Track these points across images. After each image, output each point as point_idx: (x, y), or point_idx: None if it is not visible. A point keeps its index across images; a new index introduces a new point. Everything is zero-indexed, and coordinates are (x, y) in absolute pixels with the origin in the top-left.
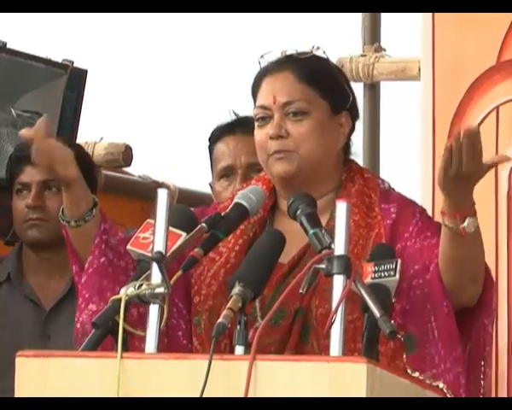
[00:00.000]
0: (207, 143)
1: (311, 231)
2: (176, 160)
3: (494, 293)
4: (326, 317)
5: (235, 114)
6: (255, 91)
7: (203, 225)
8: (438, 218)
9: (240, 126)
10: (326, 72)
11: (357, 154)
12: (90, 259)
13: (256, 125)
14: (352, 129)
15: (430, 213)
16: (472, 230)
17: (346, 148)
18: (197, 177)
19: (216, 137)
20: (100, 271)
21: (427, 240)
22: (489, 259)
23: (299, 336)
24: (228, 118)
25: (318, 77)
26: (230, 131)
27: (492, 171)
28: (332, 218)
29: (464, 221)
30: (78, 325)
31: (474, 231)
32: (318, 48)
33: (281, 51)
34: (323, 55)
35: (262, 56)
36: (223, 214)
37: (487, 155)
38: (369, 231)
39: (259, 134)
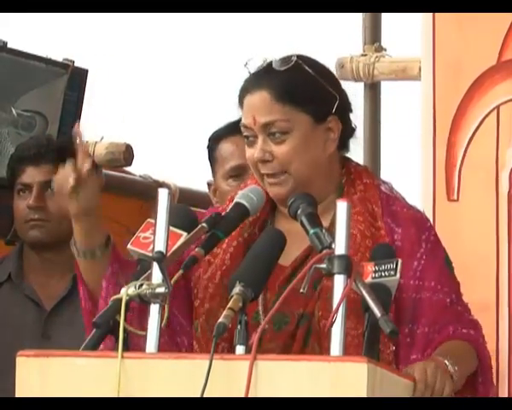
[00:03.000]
0: (208, 143)
1: (311, 231)
2: (176, 160)
3: (489, 373)
4: (327, 320)
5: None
6: (241, 107)
7: (203, 224)
8: (439, 222)
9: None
10: (303, 83)
11: (358, 151)
12: (100, 302)
13: (246, 143)
14: (347, 125)
15: (431, 213)
16: (456, 368)
17: (342, 146)
18: (197, 177)
19: (220, 136)
20: None
21: (424, 293)
22: (490, 259)
23: (303, 340)
24: (231, 118)
25: (295, 92)
26: (239, 131)
27: (493, 171)
28: (333, 223)
29: (453, 378)
30: None
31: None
32: (296, 56)
33: (263, 59)
34: (302, 62)
35: (246, 64)
36: (223, 214)
37: None
38: (374, 244)
39: (248, 153)
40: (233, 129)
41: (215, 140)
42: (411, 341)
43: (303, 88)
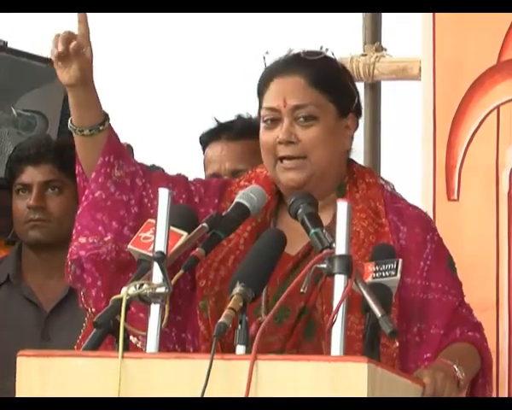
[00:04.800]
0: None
1: (312, 231)
2: (176, 160)
3: (491, 370)
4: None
5: (217, 120)
6: (262, 91)
7: (204, 224)
8: (439, 222)
9: (224, 132)
10: (334, 75)
11: (358, 151)
12: (86, 192)
13: (263, 127)
14: (356, 128)
15: (431, 213)
16: (463, 374)
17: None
18: (197, 177)
19: (204, 142)
20: (94, 205)
21: (432, 294)
22: (490, 258)
23: (302, 334)
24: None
25: (328, 81)
26: (215, 138)
27: (493, 171)
28: (334, 221)
29: (459, 384)
30: (68, 255)
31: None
32: (327, 49)
33: (288, 49)
34: (331, 57)
35: (267, 53)
36: (224, 214)
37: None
38: (378, 240)
39: (267, 136)
40: (211, 136)
41: (202, 144)
42: (420, 339)
43: (334, 78)
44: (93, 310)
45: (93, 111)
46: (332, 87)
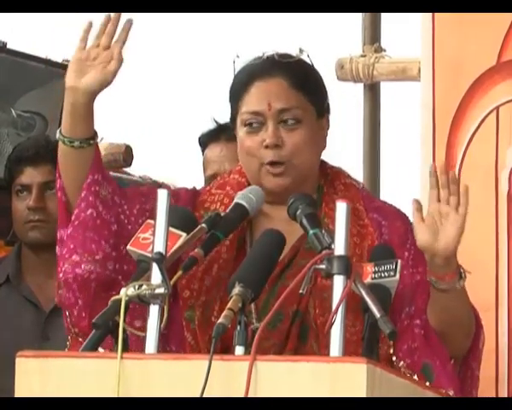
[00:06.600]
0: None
1: (311, 232)
2: (175, 161)
3: (482, 334)
4: (324, 317)
5: (216, 121)
6: (240, 96)
7: (203, 225)
8: None
9: (223, 133)
10: (312, 76)
11: (358, 152)
12: (76, 211)
13: (245, 131)
14: (329, 127)
15: None
16: (465, 282)
17: None
18: (197, 177)
19: (203, 143)
20: (85, 223)
21: (420, 275)
22: (489, 259)
23: (297, 337)
24: (212, 125)
25: (307, 82)
26: (215, 139)
27: (493, 171)
28: None
29: (461, 277)
30: (61, 275)
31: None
32: (303, 51)
33: (262, 52)
34: (307, 59)
35: (238, 56)
36: (223, 215)
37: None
38: (362, 241)
39: (251, 141)
40: (210, 137)
41: (201, 145)
42: (410, 321)
43: (312, 80)
44: (76, 330)
45: (88, 124)
46: (311, 88)
